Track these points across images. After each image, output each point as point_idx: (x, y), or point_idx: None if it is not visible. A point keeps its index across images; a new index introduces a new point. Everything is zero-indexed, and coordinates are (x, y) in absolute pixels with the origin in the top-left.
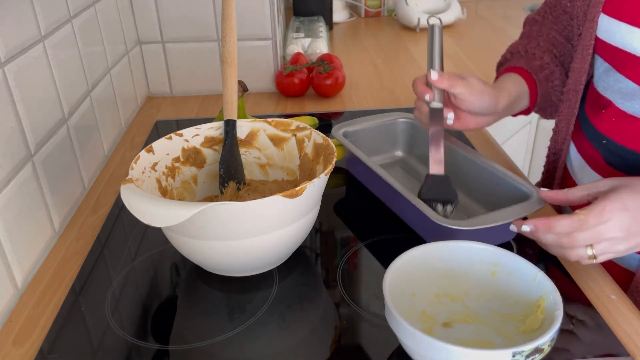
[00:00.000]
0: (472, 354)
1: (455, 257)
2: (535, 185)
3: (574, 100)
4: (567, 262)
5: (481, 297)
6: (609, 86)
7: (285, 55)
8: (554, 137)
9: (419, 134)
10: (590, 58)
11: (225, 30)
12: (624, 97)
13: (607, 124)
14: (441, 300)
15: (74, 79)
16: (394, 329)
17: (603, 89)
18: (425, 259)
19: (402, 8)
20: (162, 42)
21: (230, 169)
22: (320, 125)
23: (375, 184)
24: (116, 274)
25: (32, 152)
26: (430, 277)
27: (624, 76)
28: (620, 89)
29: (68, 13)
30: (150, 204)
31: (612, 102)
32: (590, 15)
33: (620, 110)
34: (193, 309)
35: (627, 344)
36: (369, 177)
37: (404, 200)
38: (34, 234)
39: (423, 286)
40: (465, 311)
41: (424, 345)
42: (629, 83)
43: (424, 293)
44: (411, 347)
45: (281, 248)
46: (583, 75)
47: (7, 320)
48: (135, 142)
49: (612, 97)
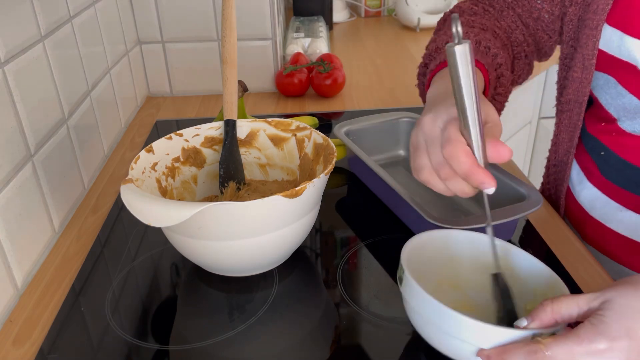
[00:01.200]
0: (500, 332)
1: (460, 247)
2: (533, 187)
3: (576, 112)
4: (567, 262)
5: (484, 289)
6: (612, 100)
7: (285, 55)
8: (553, 149)
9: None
10: (592, 68)
11: (225, 30)
12: (626, 114)
13: (607, 136)
14: (443, 287)
15: (74, 79)
16: (419, 307)
17: (605, 102)
18: (432, 244)
19: (402, 8)
20: (162, 42)
21: (230, 169)
22: (321, 125)
23: (374, 182)
24: (116, 274)
25: (32, 152)
26: (435, 263)
27: (627, 91)
28: (624, 104)
29: (68, 13)
30: (150, 204)
31: (613, 116)
32: (592, 23)
33: (620, 128)
34: (193, 309)
35: None
36: (369, 176)
37: (400, 199)
38: (34, 234)
39: (426, 272)
40: (465, 300)
41: (451, 321)
42: (632, 99)
43: (426, 279)
44: (437, 323)
45: (281, 248)
46: (586, 87)
47: (7, 320)
48: (135, 142)
49: (614, 111)
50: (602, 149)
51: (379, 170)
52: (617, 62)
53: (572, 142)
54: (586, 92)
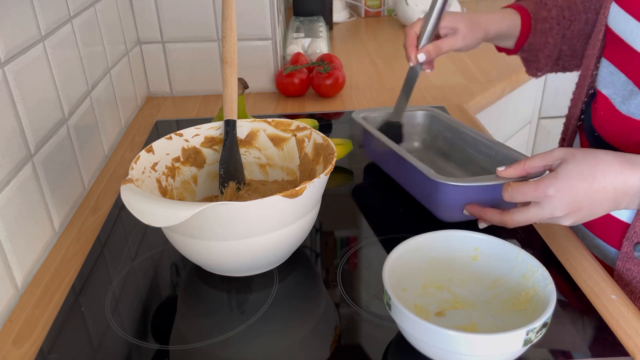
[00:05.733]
0: (491, 339)
1: (436, 248)
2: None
3: (583, 87)
4: (568, 263)
5: (465, 282)
6: (602, 78)
7: (285, 55)
8: (565, 123)
9: (436, 127)
10: (599, 45)
11: (225, 30)
12: (616, 93)
13: (597, 118)
14: (429, 291)
15: (74, 79)
16: (405, 327)
17: (598, 82)
18: (409, 254)
19: (402, 8)
20: (162, 42)
21: (230, 169)
22: (321, 126)
23: (388, 162)
24: (116, 274)
25: (32, 152)
26: (415, 270)
27: (622, 72)
28: (613, 82)
29: (68, 13)
30: (150, 204)
31: (606, 97)
32: (605, 1)
33: (612, 107)
34: (193, 309)
35: (627, 344)
36: (383, 156)
37: (407, 165)
38: (34, 234)
39: (411, 280)
40: (452, 298)
41: (441, 339)
42: (627, 81)
43: (413, 287)
44: (426, 342)
45: (281, 248)
46: (591, 62)
47: (7, 320)
48: (135, 142)
49: (607, 91)
50: (595, 131)
51: (393, 145)
52: (619, 42)
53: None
54: (591, 66)
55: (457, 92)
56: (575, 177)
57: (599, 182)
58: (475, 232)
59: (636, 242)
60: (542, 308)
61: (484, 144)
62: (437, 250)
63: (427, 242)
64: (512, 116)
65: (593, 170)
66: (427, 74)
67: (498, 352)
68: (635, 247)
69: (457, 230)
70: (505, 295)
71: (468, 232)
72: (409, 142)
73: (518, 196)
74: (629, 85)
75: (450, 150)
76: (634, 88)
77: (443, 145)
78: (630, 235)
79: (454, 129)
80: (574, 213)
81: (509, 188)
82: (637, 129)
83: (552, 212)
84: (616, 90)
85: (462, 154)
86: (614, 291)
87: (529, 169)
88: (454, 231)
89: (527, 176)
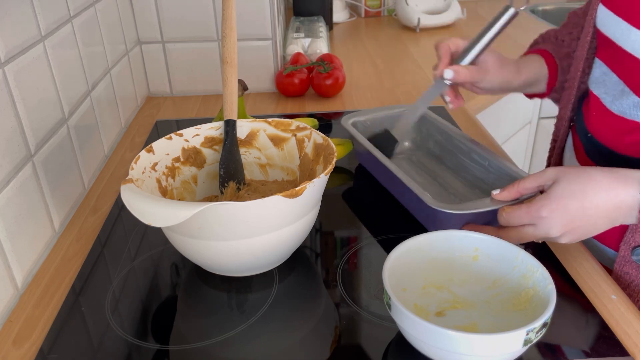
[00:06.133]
0: (491, 339)
1: (436, 248)
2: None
3: (572, 88)
4: (567, 263)
5: (465, 282)
6: (595, 79)
7: (285, 55)
8: (557, 124)
9: (427, 128)
10: (587, 46)
11: (225, 30)
12: (607, 92)
13: (590, 119)
14: (429, 291)
15: (74, 79)
16: (405, 327)
17: (591, 82)
18: (409, 254)
19: (402, 8)
20: (162, 42)
21: (230, 169)
22: (321, 126)
23: (379, 172)
24: (116, 274)
25: (32, 152)
26: (415, 270)
27: (613, 72)
28: (605, 82)
29: (68, 13)
30: (150, 204)
31: (598, 97)
32: (593, 3)
33: (604, 107)
34: (193, 309)
35: (627, 344)
36: (375, 166)
37: (402, 185)
38: (34, 234)
39: (411, 280)
40: (452, 298)
41: (441, 339)
42: (618, 82)
43: (413, 287)
44: (426, 342)
45: (281, 248)
46: (580, 63)
47: (7, 320)
48: (135, 142)
49: (598, 92)
50: (587, 132)
51: (384, 160)
52: (608, 43)
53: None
54: (580, 67)
55: None
56: (567, 197)
57: (590, 199)
58: (475, 232)
59: (634, 246)
60: (542, 308)
61: (478, 153)
62: (437, 250)
63: (427, 242)
64: (512, 116)
65: (584, 188)
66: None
67: (498, 352)
68: (633, 251)
69: (457, 230)
70: (505, 295)
71: (468, 232)
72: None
73: (514, 220)
74: (619, 85)
75: (442, 152)
76: (624, 88)
77: (434, 147)
78: (627, 239)
79: (446, 133)
80: (569, 232)
81: (504, 213)
82: (630, 129)
83: (547, 232)
84: (607, 90)
85: (455, 159)
86: (614, 291)
87: (522, 191)
88: (454, 231)
89: (520, 197)
